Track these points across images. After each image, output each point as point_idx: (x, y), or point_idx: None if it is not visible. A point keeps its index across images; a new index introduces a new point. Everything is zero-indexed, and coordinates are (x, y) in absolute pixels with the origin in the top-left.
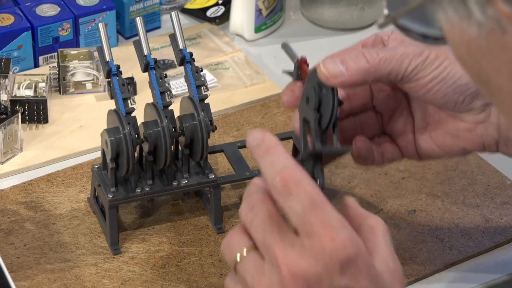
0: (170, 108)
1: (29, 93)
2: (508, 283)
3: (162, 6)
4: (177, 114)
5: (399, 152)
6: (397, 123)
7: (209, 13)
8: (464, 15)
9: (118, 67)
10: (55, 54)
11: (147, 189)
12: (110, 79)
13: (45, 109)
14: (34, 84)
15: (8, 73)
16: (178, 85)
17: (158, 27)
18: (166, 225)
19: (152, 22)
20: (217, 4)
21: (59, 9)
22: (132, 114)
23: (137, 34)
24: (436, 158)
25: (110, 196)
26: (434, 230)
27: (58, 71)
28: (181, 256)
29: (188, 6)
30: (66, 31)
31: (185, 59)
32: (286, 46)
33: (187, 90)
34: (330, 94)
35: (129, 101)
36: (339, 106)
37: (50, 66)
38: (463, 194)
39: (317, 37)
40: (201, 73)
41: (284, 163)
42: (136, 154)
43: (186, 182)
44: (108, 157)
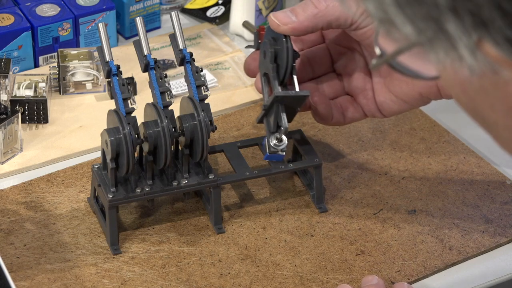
0: (170, 108)
1: (29, 93)
2: (508, 283)
3: (162, 6)
4: (177, 114)
5: (361, 110)
6: (356, 82)
7: (209, 13)
8: (455, 58)
9: (118, 67)
10: (55, 54)
11: (147, 189)
12: (110, 79)
13: (45, 109)
14: (34, 84)
15: (8, 73)
16: (178, 85)
17: (158, 27)
18: (166, 225)
19: (152, 22)
20: (217, 4)
21: (59, 9)
22: (132, 114)
23: (137, 34)
24: (398, 111)
25: (110, 196)
26: (434, 230)
27: (58, 71)
28: (181, 256)
29: (188, 6)
30: (66, 31)
31: (185, 59)
32: (246, 23)
33: (187, 90)
34: (284, 46)
35: (129, 101)
36: (296, 58)
37: (50, 66)
38: (463, 194)
39: None
40: (201, 73)
41: None
42: (136, 154)
43: (186, 182)
44: (108, 157)
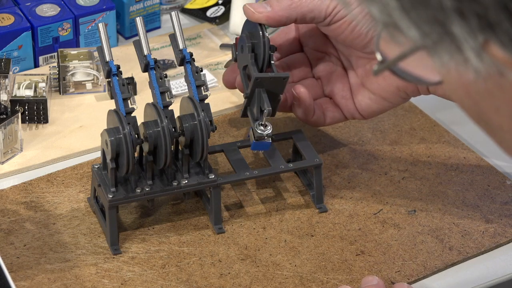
0: (170, 108)
1: (29, 93)
2: (508, 283)
3: (162, 6)
4: (177, 114)
5: (340, 112)
6: (334, 84)
7: (209, 13)
8: (460, 61)
9: (118, 67)
10: (55, 54)
11: (147, 189)
12: (110, 79)
13: (45, 109)
14: (34, 84)
15: (8, 73)
16: (178, 85)
17: (158, 27)
18: (166, 225)
19: (152, 22)
20: (217, 4)
21: (59, 9)
22: (132, 114)
23: (137, 34)
24: (377, 110)
25: (110, 196)
26: (434, 230)
27: (58, 71)
28: (181, 256)
29: (188, 6)
30: (66, 31)
31: (185, 59)
32: (222, 46)
33: (187, 90)
34: (261, 39)
35: (129, 101)
36: (273, 52)
37: (50, 66)
38: (463, 194)
39: None
40: (201, 73)
41: None
42: (136, 154)
43: (186, 182)
44: (108, 157)
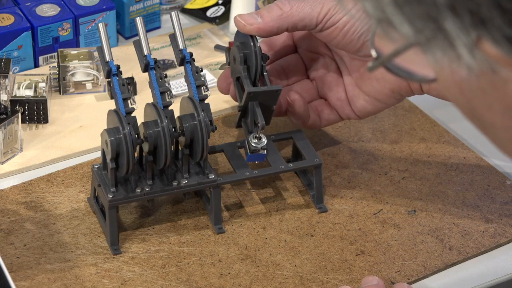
0: (170, 108)
1: (29, 93)
2: (508, 283)
3: (162, 6)
4: (177, 114)
5: (336, 113)
6: (329, 85)
7: (209, 13)
8: (453, 58)
9: (118, 67)
10: (55, 54)
11: (147, 189)
12: (110, 79)
13: (45, 109)
14: (34, 84)
15: (8, 73)
16: (178, 85)
17: (158, 27)
18: (166, 225)
19: (152, 22)
20: (217, 4)
21: (59, 9)
22: (132, 114)
23: (137, 34)
24: (372, 111)
25: (110, 196)
26: (434, 230)
27: (58, 71)
28: (181, 256)
29: (188, 6)
30: (66, 31)
31: (185, 59)
32: (217, 46)
33: (187, 90)
34: (252, 49)
35: (129, 101)
36: (265, 60)
37: (50, 66)
38: (463, 194)
39: None
40: (201, 73)
41: None
42: (136, 154)
43: (186, 182)
44: (108, 157)
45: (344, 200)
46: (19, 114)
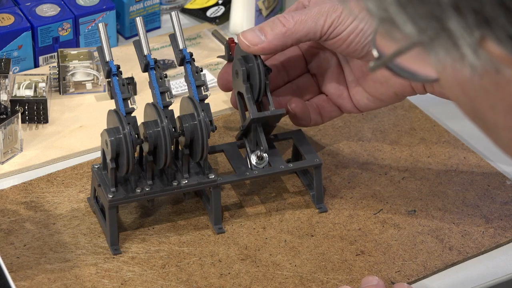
0: (170, 108)
1: (29, 93)
2: (508, 283)
3: (162, 6)
4: (177, 114)
5: (337, 108)
6: (331, 81)
7: (209, 13)
8: (456, 58)
9: (118, 67)
10: (55, 54)
11: (147, 189)
12: (110, 79)
13: (45, 109)
14: (34, 84)
15: (8, 73)
16: (178, 85)
17: (158, 27)
18: (166, 225)
19: (152, 22)
20: (217, 4)
21: (59, 9)
22: (132, 114)
23: (137, 34)
24: (374, 108)
25: (110, 196)
26: (434, 230)
27: (58, 71)
28: (181, 256)
29: (188, 6)
30: (66, 31)
31: (185, 59)
32: (216, 32)
33: (187, 90)
34: (255, 64)
35: (129, 101)
36: (268, 73)
37: (50, 66)
38: (463, 194)
39: None
40: (201, 73)
41: None
42: (136, 154)
43: (186, 182)
44: (108, 157)
45: (344, 200)
46: (19, 114)
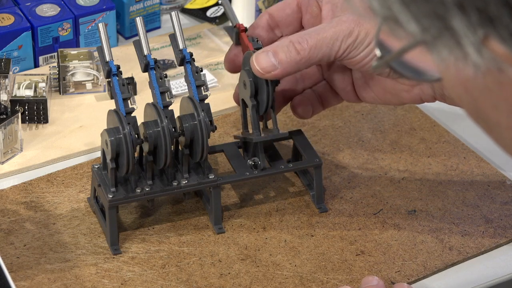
0: (170, 108)
1: (29, 93)
2: (508, 283)
3: (162, 6)
4: (177, 114)
5: (339, 98)
6: (335, 74)
7: (209, 13)
8: (459, 56)
9: (118, 67)
10: (55, 54)
11: (147, 189)
12: (110, 79)
13: (45, 109)
14: (34, 84)
15: (8, 73)
16: (178, 85)
17: (158, 27)
18: (166, 225)
19: (152, 22)
20: (217, 4)
21: (59, 9)
22: (132, 114)
23: (137, 34)
24: (377, 104)
25: (110, 196)
26: (434, 230)
27: (58, 71)
28: (181, 256)
29: (188, 6)
30: (66, 31)
31: (185, 59)
32: (227, 28)
33: (187, 90)
34: (264, 81)
35: (129, 101)
36: (276, 85)
37: (50, 66)
38: (463, 194)
39: None
40: (201, 73)
41: None
42: (136, 154)
43: (186, 182)
44: (108, 157)
45: (344, 200)
46: (19, 114)
